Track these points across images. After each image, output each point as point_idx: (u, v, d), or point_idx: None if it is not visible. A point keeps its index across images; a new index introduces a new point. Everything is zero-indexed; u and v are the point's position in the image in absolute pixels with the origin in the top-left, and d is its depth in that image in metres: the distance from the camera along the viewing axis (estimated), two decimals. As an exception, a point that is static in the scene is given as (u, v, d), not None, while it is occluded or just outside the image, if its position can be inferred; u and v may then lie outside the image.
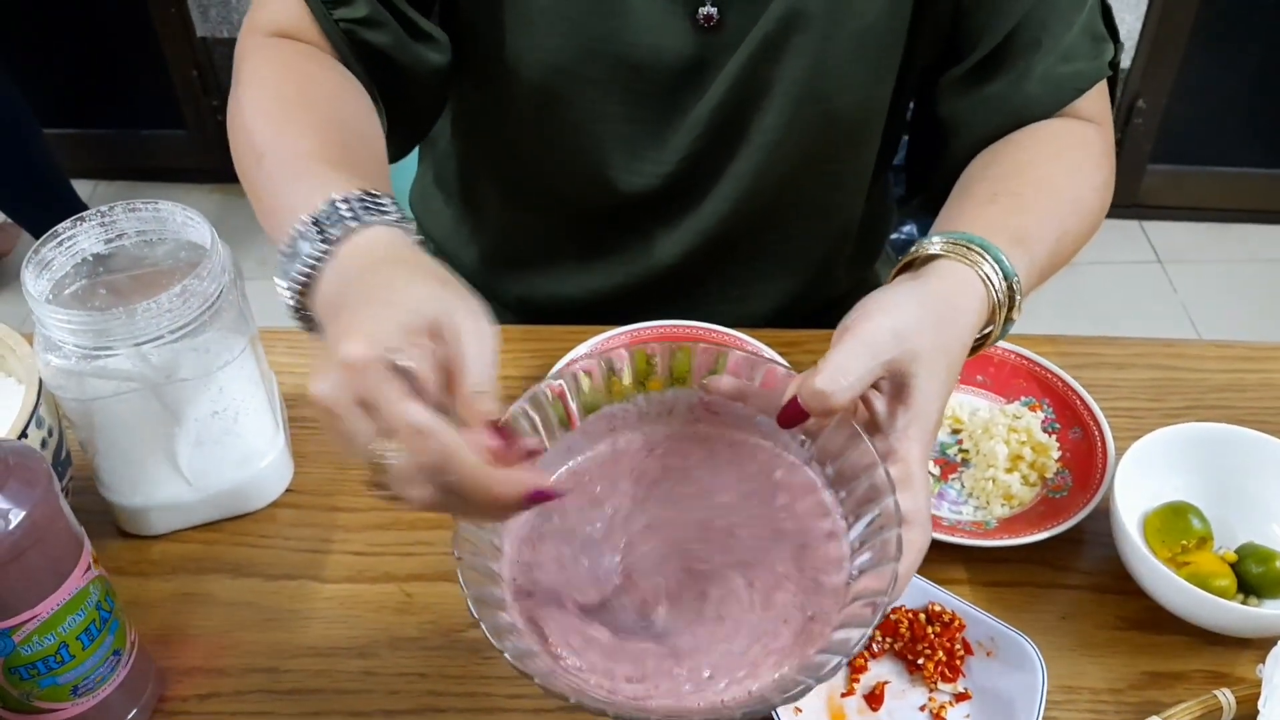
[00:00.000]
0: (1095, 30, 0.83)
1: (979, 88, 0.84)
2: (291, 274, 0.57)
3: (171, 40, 2.51)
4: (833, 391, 0.56)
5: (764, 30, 0.81)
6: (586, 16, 0.81)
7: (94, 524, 0.75)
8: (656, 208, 0.93)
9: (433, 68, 0.83)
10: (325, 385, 0.49)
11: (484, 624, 0.51)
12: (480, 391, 0.50)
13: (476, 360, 0.51)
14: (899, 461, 0.58)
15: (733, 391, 0.61)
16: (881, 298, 0.62)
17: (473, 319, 0.52)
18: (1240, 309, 2.43)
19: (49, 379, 0.72)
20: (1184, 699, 0.67)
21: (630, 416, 0.62)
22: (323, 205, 0.58)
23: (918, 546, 0.57)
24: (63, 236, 0.73)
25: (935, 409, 0.60)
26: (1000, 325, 0.67)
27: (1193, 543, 0.75)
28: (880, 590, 0.52)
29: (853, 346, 0.58)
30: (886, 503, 0.54)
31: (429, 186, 1.09)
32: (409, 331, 0.50)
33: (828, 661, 0.51)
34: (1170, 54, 2.39)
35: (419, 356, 0.50)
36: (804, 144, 0.87)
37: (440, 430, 0.48)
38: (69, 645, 0.62)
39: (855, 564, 0.56)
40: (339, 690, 0.71)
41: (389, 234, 0.58)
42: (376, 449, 0.49)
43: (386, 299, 0.52)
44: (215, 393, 0.75)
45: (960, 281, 0.64)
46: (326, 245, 0.56)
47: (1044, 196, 0.76)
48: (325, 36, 0.77)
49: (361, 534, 0.80)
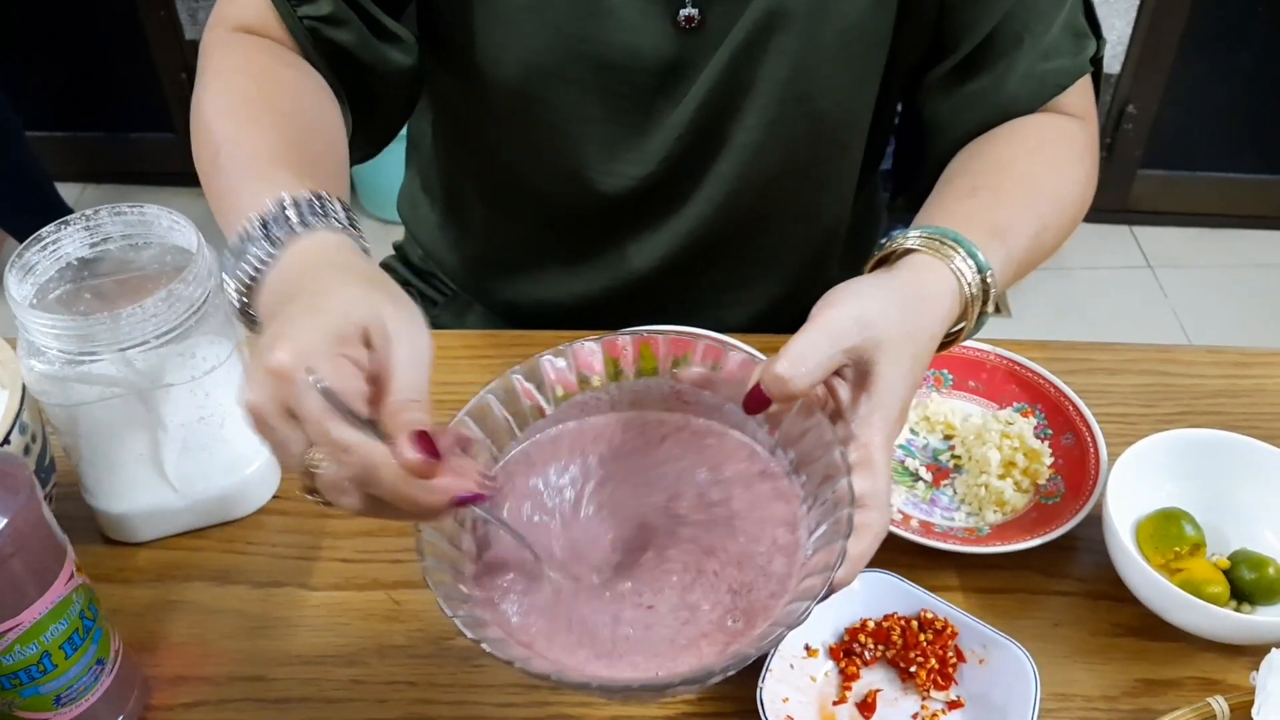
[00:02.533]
0: (1077, 26, 0.84)
1: (961, 86, 0.84)
2: (237, 274, 0.58)
3: (160, 44, 2.50)
4: (792, 377, 0.57)
5: (745, 30, 0.80)
6: (565, 16, 0.80)
7: (78, 530, 0.75)
8: (639, 210, 0.93)
9: (398, 67, 0.83)
10: (253, 393, 0.50)
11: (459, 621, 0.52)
12: (409, 400, 0.50)
13: (406, 368, 0.51)
14: (860, 447, 0.58)
15: (701, 380, 0.62)
16: (849, 287, 0.63)
17: (405, 325, 0.52)
18: (1231, 314, 2.43)
19: (32, 384, 0.71)
20: (1177, 706, 0.67)
21: (602, 404, 0.64)
22: (271, 206, 0.58)
23: (874, 530, 0.58)
24: (47, 240, 0.72)
25: (899, 397, 0.60)
26: (974, 320, 0.67)
27: (1185, 549, 0.75)
28: (829, 565, 0.52)
29: (814, 334, 0.59)
30: (841, 483, 0.55)
31: (415, 191, 1.09)
32: (337, 340, 0.50)
33: (772, 633, 0.52)
34: (1160, 59, 2.40)
35: (343, 369, 0.50)
36: (788, 145, 0.87)
37: (361, 445, 0.48)
38: (51, 654, 0.61)
39: (809, 542, 0.57)
40: (327, 699, 0.70)
41: (333, 239, 0.58)
42: (307, 457, 0.50)
43: (317, 305, 0.52)
44: (201, 398, 0.74)
45: (932, 275, 0.65)
46: (271, 249, 0.57)
47: (1024, 190, 0.76)
48: (290, 34, 0.77)
49: (349, 541, 0.80)
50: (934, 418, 0.87)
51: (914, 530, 0.77)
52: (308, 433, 0.49)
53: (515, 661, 0.51)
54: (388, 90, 0.84)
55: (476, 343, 0.96)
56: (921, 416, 0.88)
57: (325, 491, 0.50)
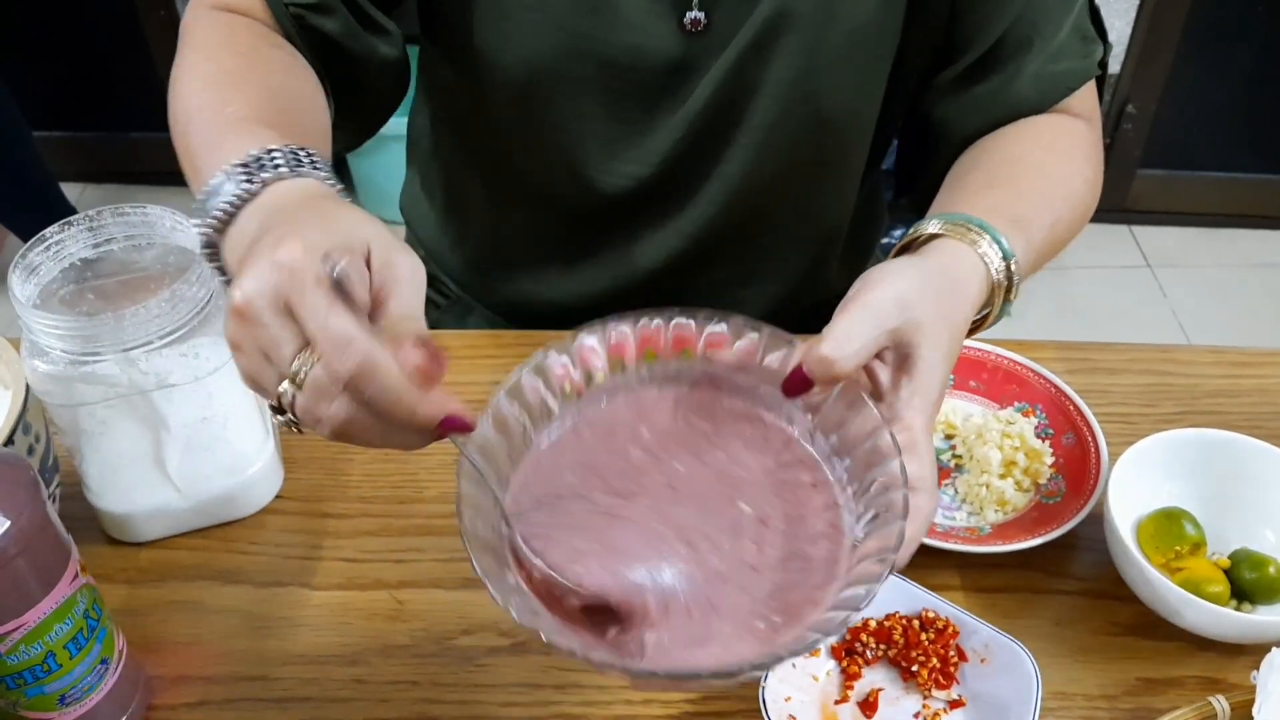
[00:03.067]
0: (1084, 30, 0.84)
1: (970, 89, 0.85)
2: (212, 210, 0.55)
3: (160, 43, 2.50)
4: (838, 358, 0.56)
5: (752, 32, 0.80)
6: (568, 14, 0.80)
7: (81, 531, 0.75)
8: (641, 209, 0.93)
9: (383, 59, 0.83)
10: (250, 286, 0.47)
11: (490, 585, 0.49)
12: (409, 313, 0.49)
13: (408, 287, 0.50)
14: (905, 429, 0.57)
15: (736, 363, 0.61)
16: (885, 269, 0.62)
17: (404, 251, 0.51)
18: (1230, 314, 2.43)
19: (36, 385, 0.71)
20: (1178, 705, 0.67)
21: (633, 385, 0.62)
22: (254, 152, 0.56)
23: (925, 513, 0.57)
24: (50, 241, 0.72)
25: (939, 379, 0.60)
26: (999, 306, 0.67)
27: (1186, 549, 0.75)
28: (887, 548, 0.51)
29: (857, 314, 0.58)
30: (892, 465, 0.54)
31: (416, 190, 1.09)
32: (344, 249, 0.49)
33: (835, 618, 0.50)
34: (1160, 59, 2.40)
35: (355, 268, 0.48)
36: (792, 146, 0.87)
37: (365, 338, 0.46)
38: (56, 654, 0.61)
39: (860, 525, 0.55)
40: (329, 699, 0.70)
41: (318, 185, 0.56)
42: (294, 366, 0.47)
43: (319, 222, 0.51)
44: (204, 398, 0.74)
45: (961, 259, 0.65)
46: (251, 186, 0.55)
47: (1039, 184, 0.76)
48: (275, 19, 0.77)
49: (352, 540, 0.80)
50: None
51: (915, 530, 0.77)
52: (309, 326, 0.46)
53: (543, 633, 0.48)
54: (372, 82, 0.84)
55: (479, 342, 0.96)
56: (922, 416, 0.88)
57: (309, 396, 0.47)
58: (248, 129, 0.61)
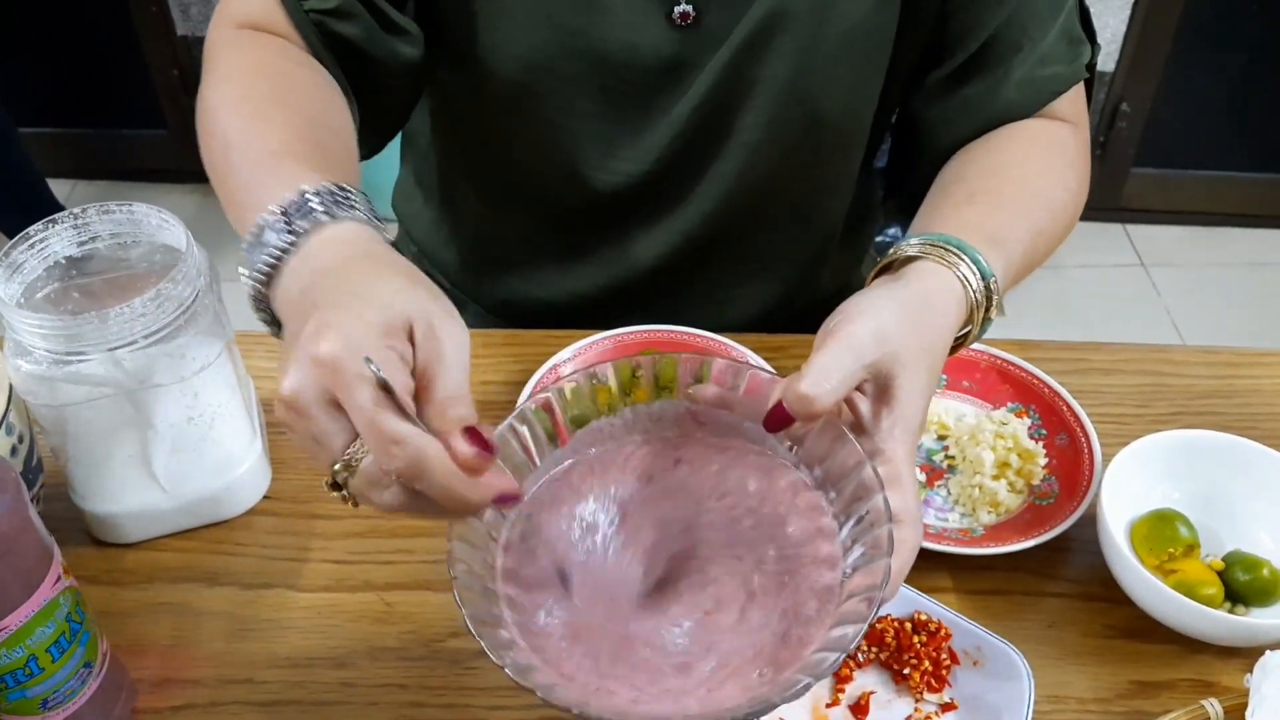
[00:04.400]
0: (1073, 33, 0.84)
1: (958, 90, 0.85)
2: (256, 264, 0.56)
3: (152, 39, 2.49)
4: (817, 395, 0.56)
5: (746, 30, 0.80)
6: (561, 11, 0.80)
7: (66, 532, 0.74)
8: (635, 208, 0.92)
9: (405, 61, 0.83)
10: (295, 381, 0.49)
11: (485, 643, 0.50)
12: (455, 396, 0.50)
13: (451, 365, 0.50)
14: (886, 462, 0.58)
15: (717, 400, 0.61)
16: (861, 301, 0.62)
17: (448, 320, 0.51)
18: (1224, 313, 2.44)
19: (19, 384, 0.70)
20: (1171, 708, 0.67)
21: (618, 429, 0.62)
22: (291, 196, 0.57)
23: (910, 545, 0.57)
24: (34, 239, 0.72)
25: (918, 409, 0.60)
26: (979, 325, 0.67)
27: (1180, 550, 0.75)
28: (874, 585, 0.51)
29: (835, 349, 0.58)
30: (876, 500, 0.54)
31: (410, 187, 1.08)
32: (383, 332, 0.49)
33: (825, 659, 0.50)
34: (1154, 58, 2.40)
35: (392, 361, 0.49)
36: (787, 145, 0.86)
37: (414, 438, 0.47)
38: (38, 658, 0.61)
39: (848, 562, 0.55)
40: (317, 702, 0.70)
41: (359, 230, 0.57)
42: (342, 451, 0.49)
43: (359, 295, 0.51)
44: (191, 398, 0.74)
45: (939, 283, 0.65)
46: (293, 236, 0.55)
47: (1020, 197, 0.76)
48: (296, 28, 0.77)
49: (340, 542, 0.79)
50: (928, 418, 0.87)
51: (908, 531, 0.77)
52: (356, 424, 0.48)
53: (538, 690, 0.49)
54: (394, 84, 0.84)
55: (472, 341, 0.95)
56: (915, 417, 0.87)
57: (362, 486, 0.49)
58: (285, 168, 0.61)
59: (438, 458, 0.48)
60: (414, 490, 0.49)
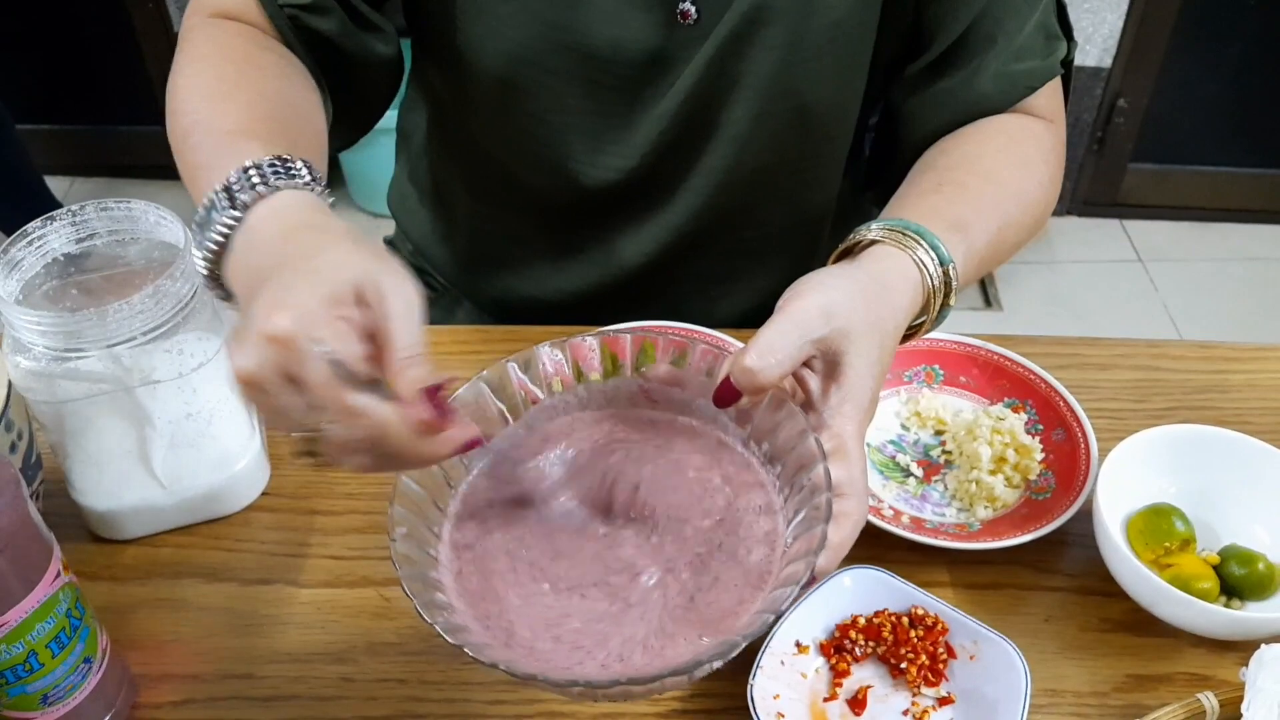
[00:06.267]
0: (1049, 28, 0.84)
1: (934, 83, 0.85)
2: (205, 243, 0.58)
3: (149, 36, 2.49)
4: (762, 369, 0.57)
5: (731, 25, 0.80)
6: (546, 7, 0.80)
7: (65, 528, 0.74)
8: (625, 203, 0.92)
9: (379, 58, 0.83)
10: (249, 359, 0.49)
11: (418, 601, 0.53)
12: (411, 357, 0.50)
13: (402, 323, 0.51)
14: (833, 436, 0.59)
15: (669, 377, 0.62)
16: (813, 278, 0.63)
17: (394, 280, 0.52)
18: (1221, 308, 2.44)
19: (18, 381, 0.70)
20: (1167, 702, 0.67)
21: (571, 405, 0.64)
22: (234, 173, 0.58)
23: (854, 519, 0.58)
24: (32, 236, 0.72)
25: (869, 386, 0.61)
26: (935, 311, 0.68)
27: (1175, 545, 0.75)
28: (809, 550, 0.52)
29: (782, 325, 0.59)
30: (817, 469, 0.55)
31: (405, 185, 1.08)
32: (333, 302, 0.50)
33: (758, 620, 0.52)
34: (1151, 53, 2.40)
35: (342, 332, 0.50)
36: (775, 139, 0.87)
37: (372, 409, 0.49)
38: (38, 653, 0.61)
39: (789, 531, 0.57)
40: (316, 696, 0.70)
41: (298, 197, 0.58)
42: (307, 421, 0.50)
43: (305, 268, 0.52)
44: (189, 394, 0.74)
45: (894, 265, 0.65)
46: (236, 213, 0.57)
47: (988, 187, 0.77)
48: (270, 21, 0.77)
49: (339, 537, 0.79)
50: (925, 413, 0.87)
51: (905, 526, 0.77)
52: (314, 399, 0.49)
53: (500, 664, 0.50)
54: (368, 79, 0.84)
55: (466, 338, 0.95)
56: (912, 412, 0.88)
57: (333, 453, 0.51)
58: (238, 146, 0.62)
59: (396, 424, 0.49)
60: (380, 451, 0.50)
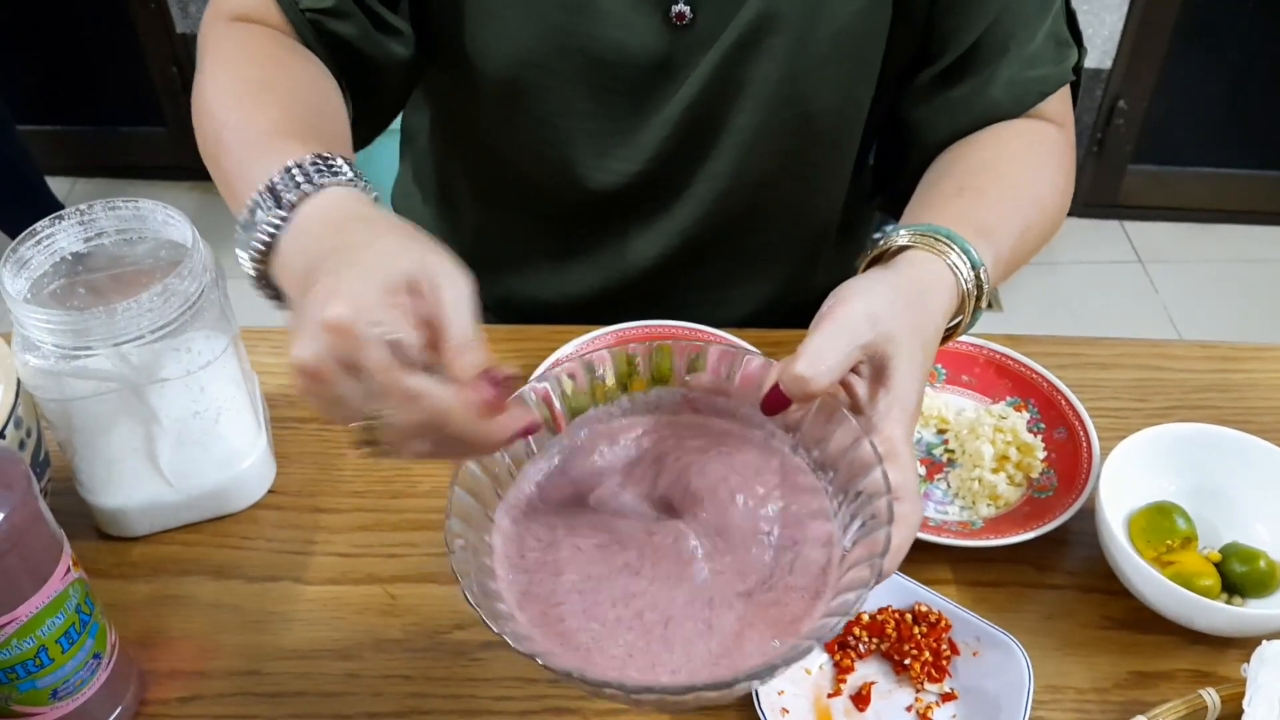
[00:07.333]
0: (1060, 35, 0.84)
1: (946, 91, 0.85)
2: (251, 244, 0.58)
3: (151, 37, 2.49)
4: (813, 376, 0.57)
5: (736, 31, 0.80)
6: (553, 10, 0.80)
7: (73, 525, 0.74)
8: (630, 207, 0.93)
9: (397, 60, 0.83)
10: (307, 350, 0.50)
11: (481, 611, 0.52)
12: (467, 342, 0.51)
13: (458, 312, 0.51)
14: (884, 440, 0.58)
15: (714, 387, 0.62)
16: (855, 284, 0.63)
17: (447, 269, 0.53)
18: (1221, 309, 2.44)
19: (27, 379, 0.71)
20: (1169, 698, 0.67)
21: (615, 415, 0.63)
22: (277, 174, 0.58)
23: (911, 521, 0.58)
24: (41, 235, 0.72)
25: (914, 390, 0.61)
26: (970, 314, 0.68)
27: (1177, 542, 0.75)
28: (874, 554, 0.52)
29: (830, 331, 0.59)
30: (874, 474, 0.54)
31: (409, 186, 1.09)
32: (388, 290, 0.50)
33: (828, 624, 0.51)
34: (1151, 54, 2.40)
35: (399, 319, 0.50)
36: (780, 145, 0.87)
37: (431, 392, 0.49)
38: (48, 649, 0.61)
39: (848, 537, 0.56)
40: (322, 693, 0.70)
41: (344, 194, 0.58)
42: (367, 410, 0.50)
43: (359, 259, 0.52)
44: (196, 393, 0.74)
45: (930, 270, 0.65)
46: (282, 212, 0.57)
47: (1008, 192, 0.77)
48: (291, 25, 0.78)
49: (345, 535, 0.80)
50: (928, 412, 0.87)
51: (908, 524, 0.77)
52: (374, 385, 0.49)
53: (573, 672, 0.50)
54: (386, 82, 0.84)
55: (471, 337, 0.95)
56: (915, 411, 0.88)
57: (394, 441, 0.51)
58: (275, 146, 0.62)
59: (456, 407, 0.49)
60: (441, 436, 0.50)
